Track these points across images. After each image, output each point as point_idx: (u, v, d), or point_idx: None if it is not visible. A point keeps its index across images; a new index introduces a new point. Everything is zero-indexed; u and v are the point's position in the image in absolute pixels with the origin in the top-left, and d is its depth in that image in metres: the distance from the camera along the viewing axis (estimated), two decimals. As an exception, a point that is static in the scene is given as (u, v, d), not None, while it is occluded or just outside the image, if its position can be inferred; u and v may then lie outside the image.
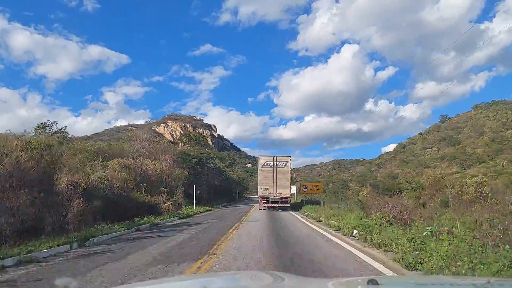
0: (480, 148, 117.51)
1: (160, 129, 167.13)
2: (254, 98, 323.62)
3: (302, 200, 37.68)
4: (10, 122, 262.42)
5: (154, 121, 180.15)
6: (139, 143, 33.69)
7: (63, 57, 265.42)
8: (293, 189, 42.36)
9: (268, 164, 26.75)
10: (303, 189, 26.38)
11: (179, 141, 42.38)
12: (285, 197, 26.50)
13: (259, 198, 27.53)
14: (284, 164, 26.63)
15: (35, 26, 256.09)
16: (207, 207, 30.17)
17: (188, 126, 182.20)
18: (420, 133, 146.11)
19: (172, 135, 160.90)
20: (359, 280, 1.99)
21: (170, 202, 25.88)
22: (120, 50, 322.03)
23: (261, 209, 26.66)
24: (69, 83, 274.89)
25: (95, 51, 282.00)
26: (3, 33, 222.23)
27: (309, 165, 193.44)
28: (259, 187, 27.50)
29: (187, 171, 34.93)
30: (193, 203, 34.16)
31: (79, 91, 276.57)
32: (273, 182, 26.13)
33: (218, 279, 2.38)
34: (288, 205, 27.04)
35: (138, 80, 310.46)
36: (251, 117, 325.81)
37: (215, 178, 39.21)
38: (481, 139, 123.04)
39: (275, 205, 26.18)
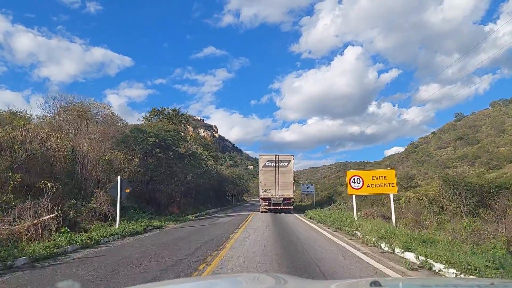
0: (504, 147, 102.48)
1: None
2: (257, 100, 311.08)
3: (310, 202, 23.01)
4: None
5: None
6: (55, 113, 19.08)
7: (66, 59, 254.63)
8: (312, 188, 28.07)
9: (270, 163, 23.85)
10: (352, 184, 11.61)
11: (145, 120, 27.61)
12: (288, 199, 23.45)
13: (260, 200, 24.70)
14: (286, 164, 23.87)
15: (38, 28, 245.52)
16: (159, 222, 15.39)
17: (188, 126, 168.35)
18: (433, 132, 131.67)
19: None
20: (362, 282, 1.89)
21: (52, 215, 11.11)
22: (124, 52, 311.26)
23: (262, 212, 23.50)
24: (72, 86, 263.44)
25: (99, 53, 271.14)
26: (7, 36, 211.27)
27: (312, 167, 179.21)
28: (260, 188, 24.45)
29: (139, 158, 20.26)
30: (149, 211, 19.76)
31: (82, 93, 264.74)
32: (275, 183, 23.31)
33: (221, 281, 2.41)
34: (292, 207, 24.29)
35: (141, 83, 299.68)
36: (254, 119, 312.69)
37: (190, 171, 24.30)
38: (502, 137, 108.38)
39: (277, 207, 23.21)
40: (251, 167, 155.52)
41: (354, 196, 11.89)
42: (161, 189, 24.24)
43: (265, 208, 23.20)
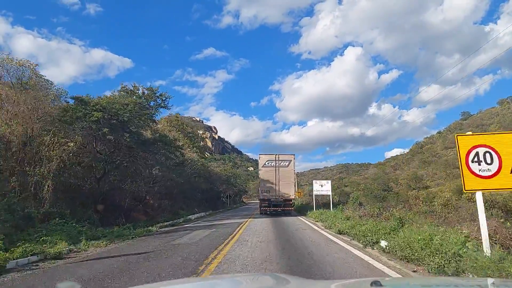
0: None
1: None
2: (257, 102, 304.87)
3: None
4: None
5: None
6: None
7: (66, 61, 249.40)
8: (327, 185, 20.86)
9: (270, 163, 21.66)
10: (471, 167, 4.53)
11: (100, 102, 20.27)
12: (288, 200, 21.16)
13: (260, 201, 22.27)
14: (287, 163, 21.76)
15: (38, 30, 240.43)
16: (58, 246, 8.24)
17: (186, 127, 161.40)
18: (439, 132, 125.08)
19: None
20: (363, 282, 1.80)
21: None
22: (123, 54, 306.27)
23: (261, 213, 21.69)
24: (72, 88, 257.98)
25: (98, 55, 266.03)
26: (7, 37, 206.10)
27: (313, 169, 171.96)
28: (259, 188, 22.42)
29: (77, 142, 13.31)
30: (92, 220, 13.11)
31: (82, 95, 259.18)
32: (275, 183, 21.24)
33: (222, 281, 2.25)
34: (292, 208, 22.24)
35: (141, 85, 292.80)
36: (254, 121, 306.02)
37: (158, 163, 17.04)
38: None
39: (277, 208, 21.08)
40: (251, 168, 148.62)
41: (479, 196, 4.78)
42: (124, 187, 17.24)
43: (265, 209, 21.45)
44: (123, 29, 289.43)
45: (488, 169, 4.69)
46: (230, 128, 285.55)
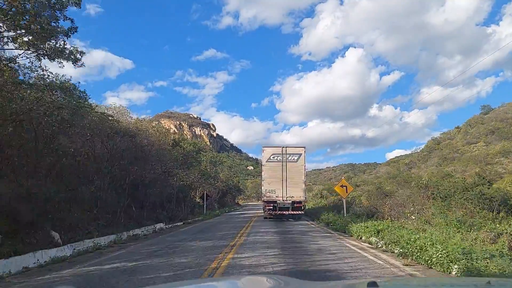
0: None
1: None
2: (258, 103, 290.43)
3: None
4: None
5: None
6: None
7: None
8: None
9: (276, 157, 17.92)
10: None
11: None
12: (297, 202, 17.53)
13: (264, 204, 18.46)
14: (296, 158, 18.03)
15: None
16: None
17: (183, 124, 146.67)
18: (458, 127, 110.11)
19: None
20: (360, 283, 1.73)
21: None
22: (124, 55, 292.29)
23: (266, 218, 18.18)
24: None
25: (99, 55, 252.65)
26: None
27: (315, 169, 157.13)
28: (263, 188, 18.01)
29: None
30: None
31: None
32: (282, 182, 17.56)
33: (219, 284, 2.22)
34: (302, 212, 17.95)
35: (142, 85, 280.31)
36: (255, 122, 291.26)
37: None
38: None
39: (284, 212, 17.46)
40: (250, 167, 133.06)
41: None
42: None
43: (269, 213, 17.61)
44: (123, 30, 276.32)
45: None
46: (231, 128, 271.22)
